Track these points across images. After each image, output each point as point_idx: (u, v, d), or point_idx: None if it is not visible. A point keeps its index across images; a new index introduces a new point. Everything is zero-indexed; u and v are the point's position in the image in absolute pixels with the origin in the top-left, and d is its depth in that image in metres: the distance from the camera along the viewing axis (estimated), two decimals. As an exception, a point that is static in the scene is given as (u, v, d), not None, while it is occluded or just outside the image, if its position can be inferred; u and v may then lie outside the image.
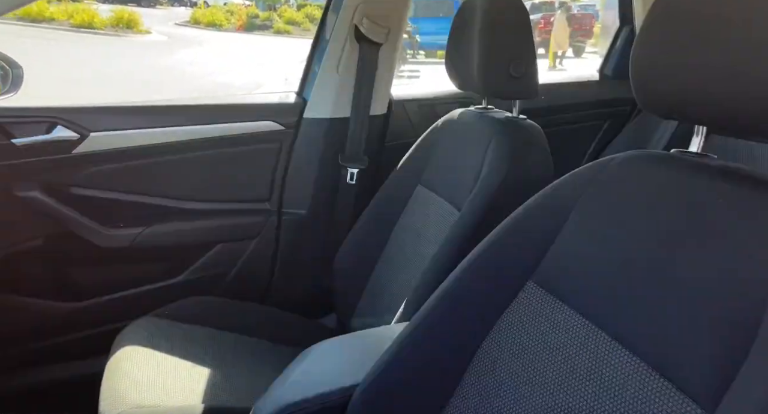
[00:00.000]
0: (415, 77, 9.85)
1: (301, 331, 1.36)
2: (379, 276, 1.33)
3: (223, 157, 1.47)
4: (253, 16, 17.11)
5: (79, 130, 1.27)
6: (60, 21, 16.42)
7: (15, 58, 1.16)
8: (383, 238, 1.34)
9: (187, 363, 1.08)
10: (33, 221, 1.27)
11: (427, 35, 12.04)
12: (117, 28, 17.43)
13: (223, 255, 1.49)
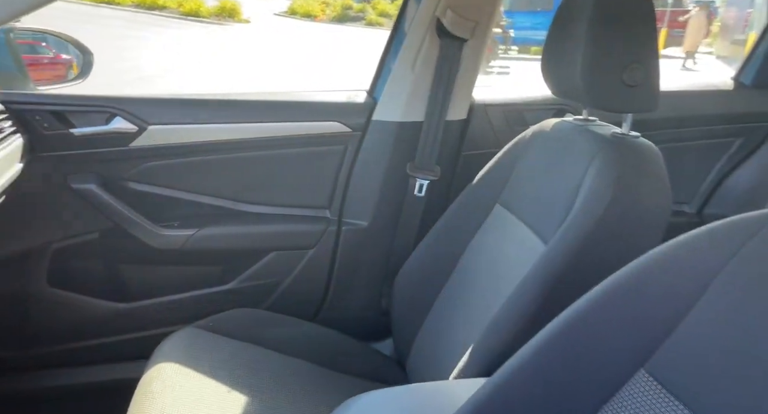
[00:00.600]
0: (505, 73, 9.43)
1: (353, 357, 1.22)
2: (444, 305, 1.16)
3: (283, 158, 1.36)
4: (347, 8, 17.28)
5: (138, 123, 1.21)
6: (171, 9, 17.54)
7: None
8: (452, 261, 1.16)
9: (223, 387, 0.97)
10: (88, 215, 1.23)
11: (521, 30, 11.51)
12: (220, 16, 18.38)
13: (276, 264, 1.38)
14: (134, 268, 1.33)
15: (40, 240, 1.22)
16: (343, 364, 1.14)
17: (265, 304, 1.37)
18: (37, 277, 1.22)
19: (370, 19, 16.33)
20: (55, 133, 1.15)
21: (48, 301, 1.23)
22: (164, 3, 17.03)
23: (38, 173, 1.15)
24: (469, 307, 1.08)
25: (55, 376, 1.26)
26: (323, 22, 17.59)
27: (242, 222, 1.34)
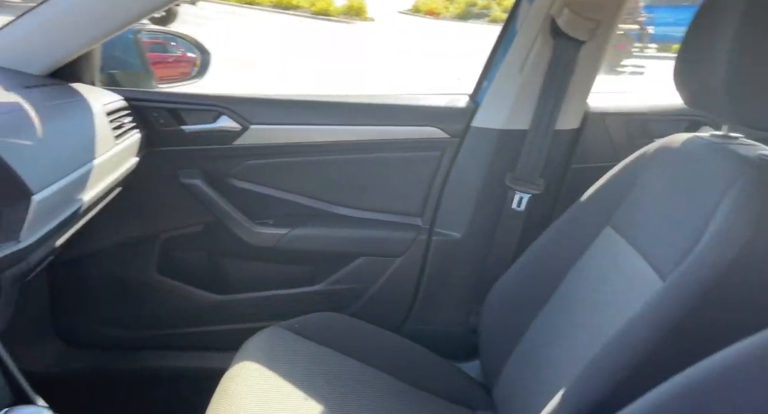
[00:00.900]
0: (638, 73, 8.66)
1: (436, 374, 1.16)
2: (539, 332, 1.05)
3: (378, 162, 1.33)
4: (471, 4, 17.00)
5: (241, 122, 1.25)
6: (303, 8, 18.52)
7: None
8: (551, 284, 1.05)
9: (300, 394, 0.96)
10: (194, 208, 1.29)
11: (663, 26, 10.50)
12: (348, 15, 19.07)
13: (364, 270, 1.36)
14: (232, 262, 1.38)
15: (152, 230, 1.31)
16: (425, 382, 1.09)
17: (350, 309, 1.36)
18: (147, 264, 1.31)
19: (494, 15, 15.92)
20: (169, 130, 1.23)
21: (156, 287, 1.32)
22: (298, 3, 18.03)
23: (152, 167, 1.23)
24: (566, 339, 0.97)
25: (157, 357, 1.35)
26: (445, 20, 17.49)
27: (334, 224, 1.34)
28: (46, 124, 0.88)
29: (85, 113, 1.01)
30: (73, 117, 0.98)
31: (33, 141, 0.84)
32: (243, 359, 1.00)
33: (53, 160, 0.86)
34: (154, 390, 1.35)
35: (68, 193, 0.88)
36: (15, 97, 0.89)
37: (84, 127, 0.99)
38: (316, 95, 1.32)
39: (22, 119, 0.85)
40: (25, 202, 0.76)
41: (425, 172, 1.34)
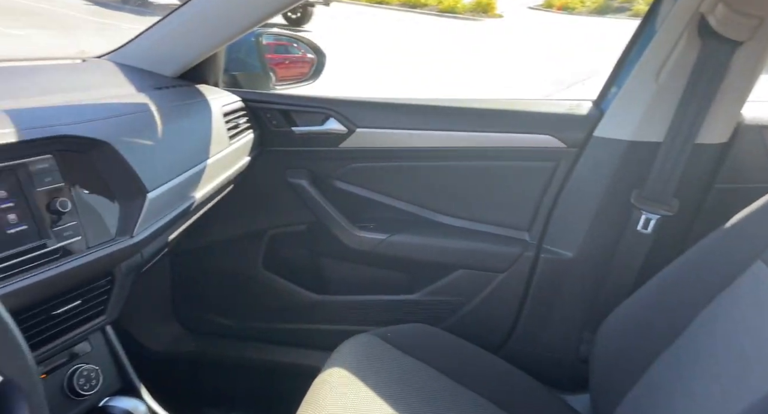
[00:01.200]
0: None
1: (538, 405, 1.07)
2: (663, 375, 0.91)
3: (487, 170, 1.26)
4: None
5: (348, 125, 1.25)
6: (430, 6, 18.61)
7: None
8: (681, 320, 0.91)
9: (388, 408, 0.92)
10: (299, 208, 1.32)
11: None
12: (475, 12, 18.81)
13: (464, 283, 1.30)
14: (331, 263, 1.39)
15: (259, 226, 1.36)
16: (525, 411, 1.01)
17: (446, 323, 1.30)
18: (254, 259, 1.37)
19: (637, 9, 14.68)
20: (280, 131, 1.26)
21: (261, 281, 1.37)
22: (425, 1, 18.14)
23: (262, 166, 1.27)
24: (697, 388, 0.83)
25: (258, 349, 1.41)
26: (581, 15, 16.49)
27: (434, 233, 1.29)
28: (167, 124, 0.94)
29: (205, 114, 1.07)
30: (194, 118, 1.04)
31: (153, 141, 0.89)
32: (334, 365, 0.98)
33: (170, 159, 0.91)
34: (252, 380, 1.41)
35: (181, 190, 0.93)
36: (144, 98, 0.96)
37: (202, 128, 1.05)
38: (422, 99, 1.28)
39: (147, 120, 0.91)
40: (140, 200, 0.81)
41: (537, 184, 1.24)
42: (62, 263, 0.70)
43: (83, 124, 0.76)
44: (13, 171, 0.67)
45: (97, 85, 0.96)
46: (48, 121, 0.73)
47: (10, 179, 0.67)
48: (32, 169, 0.69)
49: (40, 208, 0.69)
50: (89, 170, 0.77)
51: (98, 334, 0.84)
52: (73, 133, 0.74)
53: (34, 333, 0.71)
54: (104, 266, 0.78)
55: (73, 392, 0.78)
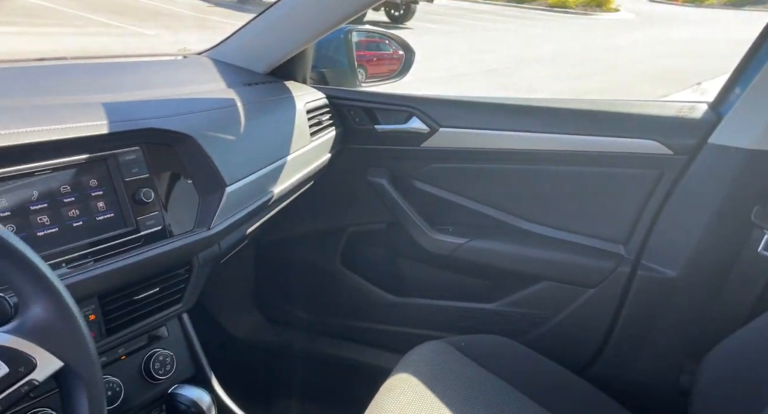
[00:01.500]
0: None
1: None
2: None
3: (581, 176, 1.16)
4: (749, -12, 14.33)
5: (431, 124, 1.21)
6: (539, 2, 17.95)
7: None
8: None
9: None
10: (378, 207, 1.31)
11: None
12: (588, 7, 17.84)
13: (548, 296, 1.21)
14: (408, 264, 1.36)
15: (339, 223, 1.37)
16: None
17: (525, 337, 1.22)
18: (333, 255, 1.38)
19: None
20: (363, 128, 1.25)
21: (339, 279, 1.38)
22: (534, -4, 17.54)
23: (343, 163, 1.27)
24: None
25: (331, 345, 1.42)
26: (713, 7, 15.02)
27: (518, 240, 1.22)
28: (251, 120, 0.96)
29: (289, 111, 1.08)
30: (277, 114, 1.06)
31: (236, 136, 0.92)
32: (403, 371, 0.95)
33: (250, 154, 0.93)
34: (323, 375, 1.42)
35: (260, 185, 0.95)
36: (232, 93, 0.99)
37: (285, 124, 1.06)
38: (511, 98, 1.21)
39: (231, 115, 0.94)
40: (219, 193, 0.84)
41: (637, 194, 1.12)
42: (144, 251, 0.74)
43: (169, 118, 0.79)
44: (104, 161, 0.72)
45: (190, 81, 1.00)
46: (138, 114, 0.77)
47: (101, 169, 0.71)
48: (121, 159, 0.73)
49: (126, 197, 0.73)
50: (173, 163, 0.80)
51: (175, 322, 0.88)
52: (160, 126, 0.77)
53: (115, 316, 0.75)
54: (183, 256, 0.81)
55: (149, 375, 0.82)
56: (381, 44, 1.76)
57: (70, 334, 0.46)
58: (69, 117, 0.69)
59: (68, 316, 0.46)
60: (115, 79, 0.91)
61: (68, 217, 0.67)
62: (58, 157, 0.66)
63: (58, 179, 0.67)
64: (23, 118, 0.65)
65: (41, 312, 0.45)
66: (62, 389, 0.46)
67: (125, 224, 0.73)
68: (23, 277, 0.44)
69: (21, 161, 0.63)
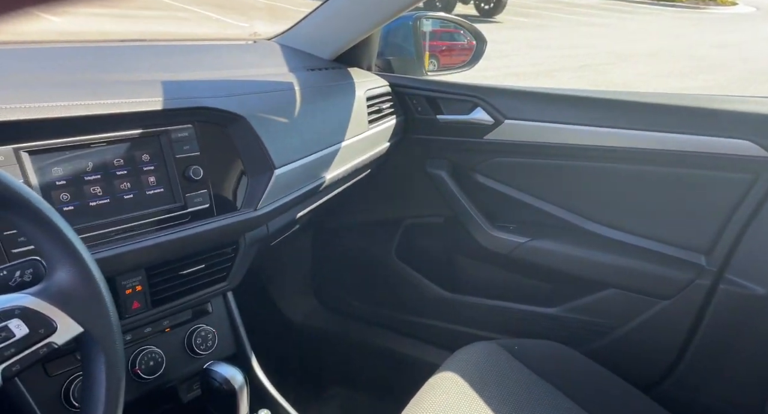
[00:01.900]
0: None
1: None
2: None
3: (661, 177, 1.06)
4: None
5: (496, 115, 1.15)
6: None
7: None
8: None
9: None
10: (437, 200, 1.27)
11: None
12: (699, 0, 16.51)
13: (614, 305, 1.12)
14: (465, 261, 1.31)
15: (396, 214, 1.34)
16: None
17: (585, 347, 1.14)
18: (388, 246, 1.36)
19: None
20: (425, 118, 1.22)
21: (393, 271, 1.36)
22: (638, -13, 16.50)
23: (403, 153, 1.24)
24: None
25: (381, 336, 1.40)
26: None
27: (584, 243, 1.13)
28: (306, 105, 0.96)
29: (347, 97, 1.07)
30: (335, 100, 1.05)
31: (289, 120, 0.92)
32: (449, 370, 0.91)
33: (303, 138, 0.93)
34: (369, 365, 1.41)
35: (311, 170, 0.94)
36: (292, 77, 0.99)
37: (342, 111, 1.05)
38: (584, 90, 1.12)
39: (287, 99, 0.94)
40: (267, 175, 0.84)
41: (726, 199, 1.00)
42: (190, 227, 0.76)
43: (222, 98, 0.81)
44: (157, 137, 0.74)
45: (254, 65, 1.02)
46: (193, 93, 0.79)
47: (153, 144, 0.74)
48: (173, 136, 0.76)
49: (176, 173, 0.75)
50: (224, 142, 0.81)
51: (219, 299, 0.90)
52: (213, 105, 0.79)
53: (161, 289, 0.78)
54: (229, 234, 0.83)
55: (190, 349, 0.85)
56: (455, 34, 1.71)
57: (92, 301, 0.47)
58: (127, 92, 0.72)
59: (91, 284, 0.47)
60: (184, 60, 0.95)
61: (119, 189, 0.70)
62: (113, 131, 0.69)
63: (112, 152, 0.70)
64: (86, 92, 0.68)
65: (66, 277, 0.46)
66: (81, 354, 0.48)
67: (174, 200, 0.75)
68: (51, 242, 0.46)
69: (79, 132, 0.66)
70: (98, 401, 0.46)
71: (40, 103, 0.62)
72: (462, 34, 1.62)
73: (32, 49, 0.85)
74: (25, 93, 0.63)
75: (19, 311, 0.43)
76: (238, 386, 0.68)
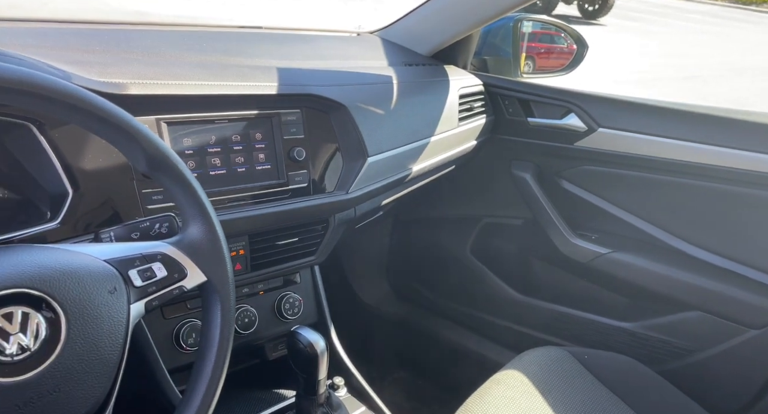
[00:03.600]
0: None
1: None
2: None
3: (757, 201, 1.01)
4: None
5: (589, 123, 1.14)
6: (767, 5, 15.39)
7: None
8: None
9: None
10: (518, 201, 1.28)
11: None
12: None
13: (697, 327, 1.08)
14: (540, 265, 1.31)
15: (475, 211, 1.37)
16: None
17: (661, 367, 1.11)
18: (464, 243, 1.38)
19: None
20: (515, 119, 1.23)
21: (467, 267, 1.38)
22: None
23: (489, 152, 1.26)
24: None
25: (450, 329, 1.44)
26: None
27: (670, 261, 1.10)
28: (402, 98, 1.01)
29: (441, 94, 1.11)
30: (429, 96, 1.09)
31: (385, 111, 0.97)
32: (516, 367, 0.93)
33: (395, 130, 0.98)
34: (434, 354, 1.45)
35: (400, 160, 0.99)
36: (391, 71, 1.05)
37: (434, 107, 1.09)
38: (685, 104, 1.08)
39: (384, 91, 0.99)
40: (360, 161, 0.90)
41: None
42: (290, 203, 0.83)
43: (328, 87, 0.87)
44: (269, 119, 0.82)
45: (357, 57, 1.08)
46: (303, 80, 0.86)
47: (266, 125, 0.82)
48: (283, 119, 0.83)
49: (282, 153, 0.83)
50: (325, 128, 0.88)
51: (307, 271, 0.97)
52: (320, 93, 0.85)
53: (260, 255, 0.86)
54: (322, 213, 0.90)
55: (279, 313, 0.93)
56: (555, 37, 1.69)
57: (215, 256, 0.55)
58: (248, 76, 0.80)
59: (217, 241, 0.55)
60: (295, 49, 1.02)
61: (234, 163, 0.78)
62: (233, 110, 0.78)
63: (231, 129, 0.78)
64: (213, 74, 0.77)
65: (197, 233, 0.54)
66: (202, 300, 0.56)
67: (278, 177, 0.83)
68: (189, 201, 0.54)
69: (207, 109, 0.75)
70: (213, 340, 0.54)
71: (181, 81, 0.71)
72: (563, 38, 1.60)
73: (171, 32, 0.96)
74: (169, 71, 0.73)
75: (160, 256, 0.51)
76: (321, 350, 0.74)
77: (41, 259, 0.44)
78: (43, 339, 0.41)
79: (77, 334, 0.43)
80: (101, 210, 0.65)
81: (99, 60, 0.71)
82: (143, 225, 0.56)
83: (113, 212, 0.66)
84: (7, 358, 0.40)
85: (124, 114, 0.49)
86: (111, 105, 0.48)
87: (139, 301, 0.49)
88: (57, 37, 0.78)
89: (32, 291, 0.42)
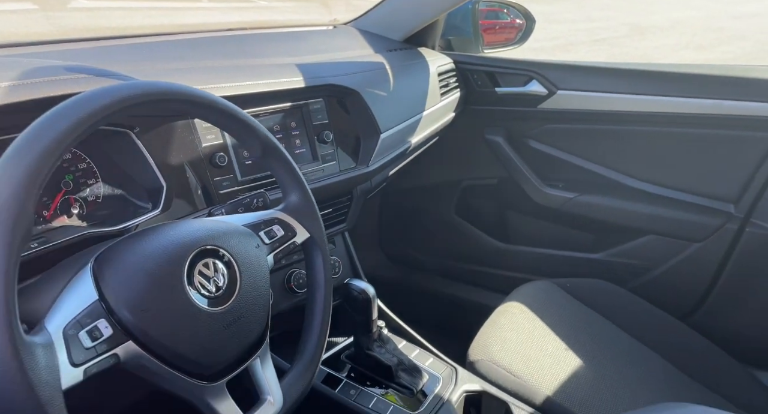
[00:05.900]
0: None
1: (724, 372, 1.06)
2: None
3: (695, 138, 1.23)
4: None
5: (549, 87, 1.33)
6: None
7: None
8: None
9: (561, 344, 1.01)
10: (492, 163, 1.46)
11: None
12: None
13: (652, 248, 1.31)
14: (517, 216, 1.51)
15: (456, 176, 1.54)
16: (703, 376, 1.02)
17: (629, 285, 1.33)
18: (449, 205, 1.56)
19: None
20: (484, 91, 1.40)
21: (453, 226, 1.56)
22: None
23: (464, 122, 1.43)
24: None
25: (442, 283, 1.62)
26: None
27: (626, 197, 1.32)
28: (397, 80, 1.15)
29: (424, 73, 1.26)
30: (416, 76, 1.24)
31: (387, 93, 1.11)
32: (514, 300, 1.11)
33: (397, 108, 1.12)
34: (434, 309, 1.62)
35: (403, 135, 1.14)
36: (381, 58, 1.18)
37: (421, 85, 1.24)
38: (629, 63, 1.29)
39: (384, 75, 1.13)
40: (375, 138, 1.04)
41: (753, 155, 1.18)
42: (323, 180, 0.96)
43: (343, 77, 1.00)
44: (300, 109, 0.94)
45: (345, 48, 1.20)
46: (320, 73, 0.98)
47: (298, 114, 0.94)
48: (311, 108, 0.95)
49: (313, 137, 0.95)
50: (343, 112, 1.01)
51: (340, 237, 1.10)
52: (337, 83, 0.98)
53: None
54: (348, 186, 1.03)
55: None
56: (498, 13, 1.87)
57: (312, 216, 0.68)
58: (276, 74, 0.91)
59: (312, 205, 0.68)
60: (295, 45, 1.13)
61: None
62: (272, 104, 0.89)
63: (273, 120, 0.90)
64: (249, 75, 0.88)
65: (297, 199, 0.67)
66: (307, 253, 0.69)
67: (312, 158, 0.95)
68: (288, 174, 0.66)
69: (253, 105, 0.86)
70: (320, 282, 0.68)
71: (231, 83, 0.82)
72: (505, 13, 1.78)
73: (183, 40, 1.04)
74: (219, 75, 0.83)
75: (277, 220, 0.64)
76: (372, 295, 0.88)
77: (210, 225, 0.57)
78: (228, 280, 0.54)
79: (246, 276, 0.56)
80: (186, 197, 0.76)
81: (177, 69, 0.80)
82: (245, 201, 0.68)
83: (193, 198, 0.77)
84: (212, 294, 0.53)
85: (245, 113, 0.61)
86: (235, 106, 0.60)
87: (270, 255, 0.62)
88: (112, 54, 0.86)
89: (217, 247, 0.54)
